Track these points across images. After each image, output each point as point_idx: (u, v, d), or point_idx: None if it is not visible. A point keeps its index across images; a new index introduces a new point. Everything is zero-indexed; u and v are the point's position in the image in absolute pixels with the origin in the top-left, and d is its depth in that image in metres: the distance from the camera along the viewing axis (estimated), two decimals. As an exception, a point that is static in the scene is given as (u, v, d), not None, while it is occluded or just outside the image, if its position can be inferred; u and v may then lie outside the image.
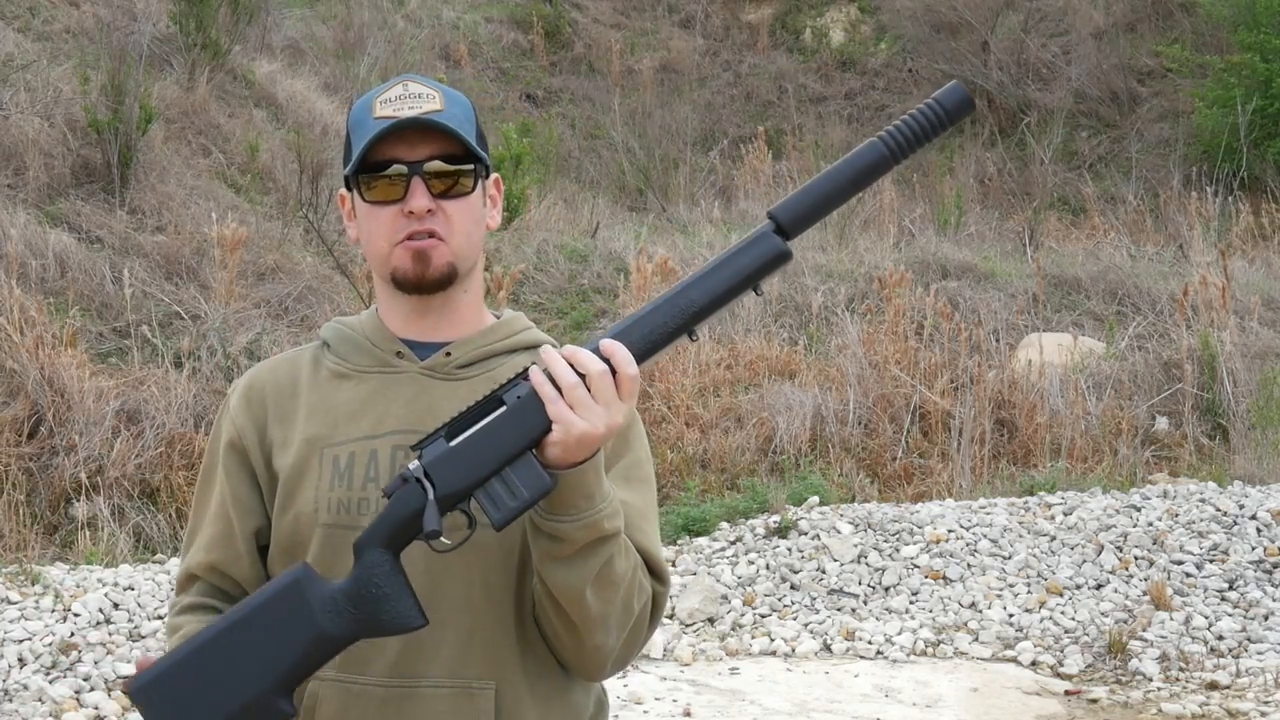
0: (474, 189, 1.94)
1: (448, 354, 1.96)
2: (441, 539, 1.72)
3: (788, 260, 1.76)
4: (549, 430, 1.71)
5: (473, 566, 1.87)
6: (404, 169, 1.89)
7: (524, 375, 1.75)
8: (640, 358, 1.74)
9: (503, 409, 1.74)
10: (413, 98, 1.91)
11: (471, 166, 1.93)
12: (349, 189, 1.96)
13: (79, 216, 10.25)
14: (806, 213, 1.76)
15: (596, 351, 1.73)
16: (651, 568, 1.90)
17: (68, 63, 11.76)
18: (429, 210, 1.89)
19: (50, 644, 5.84)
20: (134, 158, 10.69)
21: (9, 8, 12.53)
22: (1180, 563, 7.02)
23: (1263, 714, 5.81)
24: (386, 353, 1.97)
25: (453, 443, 1.75)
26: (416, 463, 1.75)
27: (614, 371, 1.72)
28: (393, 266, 1.93)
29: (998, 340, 10.06)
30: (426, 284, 1.93)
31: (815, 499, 7.74)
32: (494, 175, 2.03)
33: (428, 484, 1.73)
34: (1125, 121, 16.31)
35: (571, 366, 1.71)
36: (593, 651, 1.85)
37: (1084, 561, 7.07)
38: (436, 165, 1.90)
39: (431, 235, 1.90)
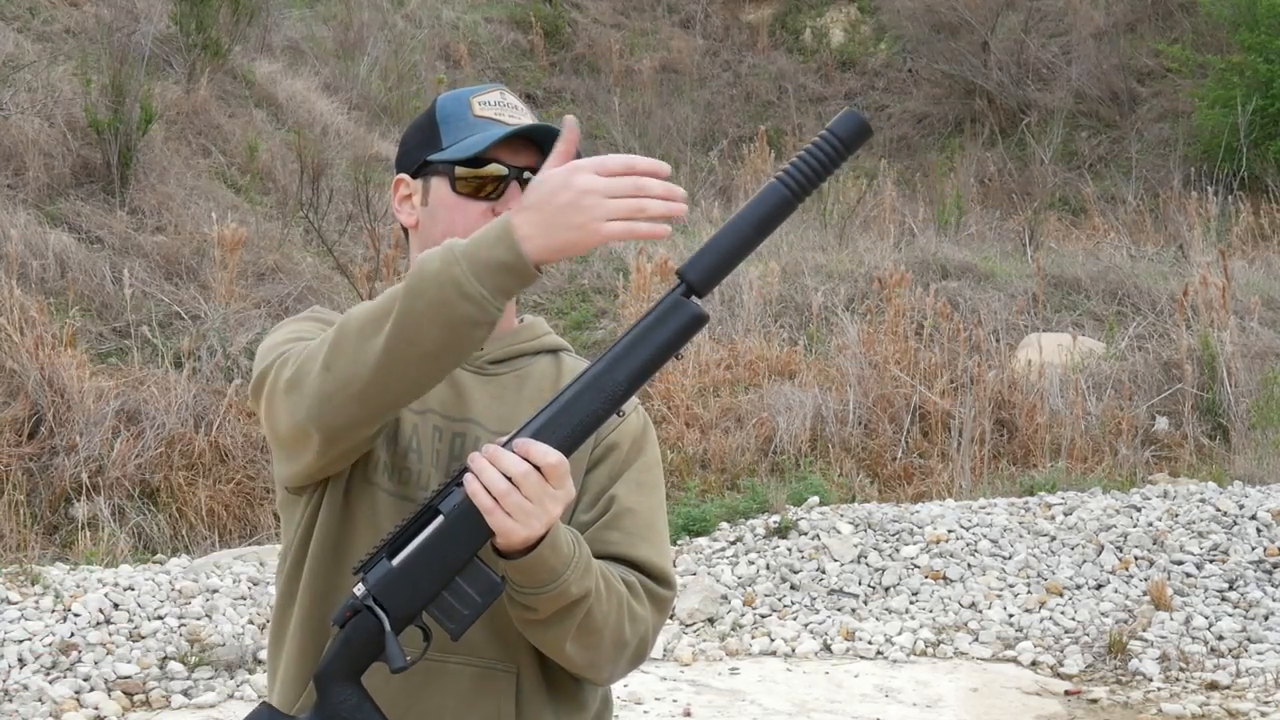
0: None
1: (481, 349, 1.93)
2: (409, 663, 1.72)
3: (705, 324, 1.74)
4: (491, 536, 1.70)
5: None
6: (504, 171, 1.94)
7: (456, 482, 1.72)
8: (568, 449, 1.71)
9: (440, 521, 1.71)
10: (512, 108, 1.99)
11: None
12: (419, 176, 1.99)
13: (79, 216, 10.25)
14: (716, 269, 1.72)
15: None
16: (655, 577, 1.92)
17: (68, 63, 11.76)
18: None
19: (50, 644, 5.84)
20: (134, 158, 10.70)
21: (9, 8, 12.53)
22: (1180, 563, 7.02)
23: (1263, 714, 5.81)
24: None
25: (395, 561, 1.72)
26: (362, 588, 1.72)
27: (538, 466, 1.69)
28: None
29: (998, 340, 10.06)
30: None
31: (815, 499, 7.74)
32: None
33: (380, 611, 1.71)
34: (1125, 121, 16.31)
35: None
36: (593, 676, 1.91)
37: (1084, 561, 7.07)
38: (531, 176, 1.90)
39: None
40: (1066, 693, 6.08)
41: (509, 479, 1.68)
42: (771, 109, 17.45)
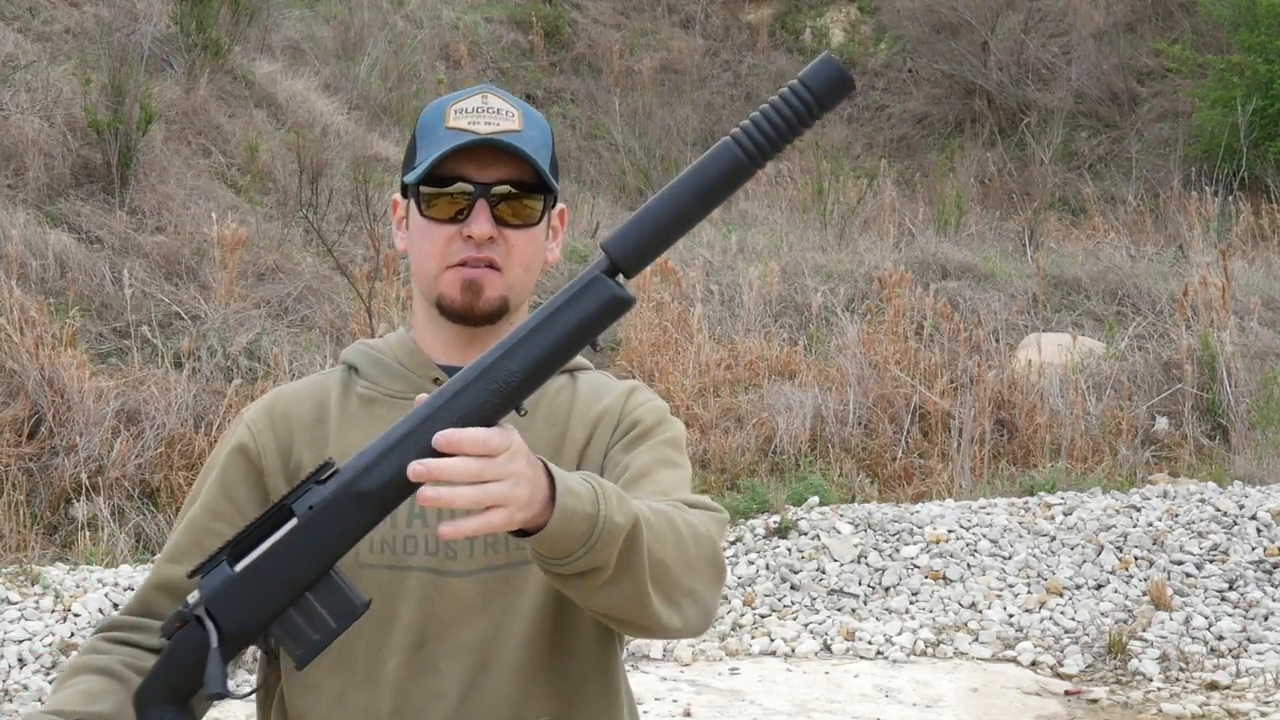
0: (540, 219, 1.80)
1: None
2: (231, 692, 1.47)
3: (628, 308, 1.45)
4: (350, 546, 1.46)
5: (498, 608, 1.75)
6: (469, 189, 1.76)
7: (315, 478, 1.46)
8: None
9: (293, 523, 1.45)
10: (491, 113, 1.77)
11: (541, 196, 1.79)
12: (404, 196, 1.85)
13: (79, 217, 10.25)
14: (647, 244, 1.44)
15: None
16: (703, 508, 1.71)
17: (68, 63, 11.76)
18: (489, 237, 1.76)
19: (50, 644, 5.84)
20: (134, 158, 10.69)
21: (9, 8, 12.53)
22: (1180, 563, 7.02)
23: (1263, 714, 5.81)
24: (422, 378, 1.83)
25: (237, 567, 1.46)
26: (196, 594, 1.48)
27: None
28: (440, 292, 1.80)
29: (998, 340, 10.06)
30: (474, 317, 1.79)
31: (815, 499, 7.75)
32: (560, 206, 1.89)
33: (210, 625, 1.46)
34: (1125, 121, 16.31)
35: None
36: (697, 615, 1.66)
37: (1084, 562, 7.07)
38: (504, 190, 1.76)
39: (488, 265, 1.77)
40: (1066, 693, 6.08)
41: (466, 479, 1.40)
42: (771, 109, 17.43)
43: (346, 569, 1.63)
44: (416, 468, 1.36)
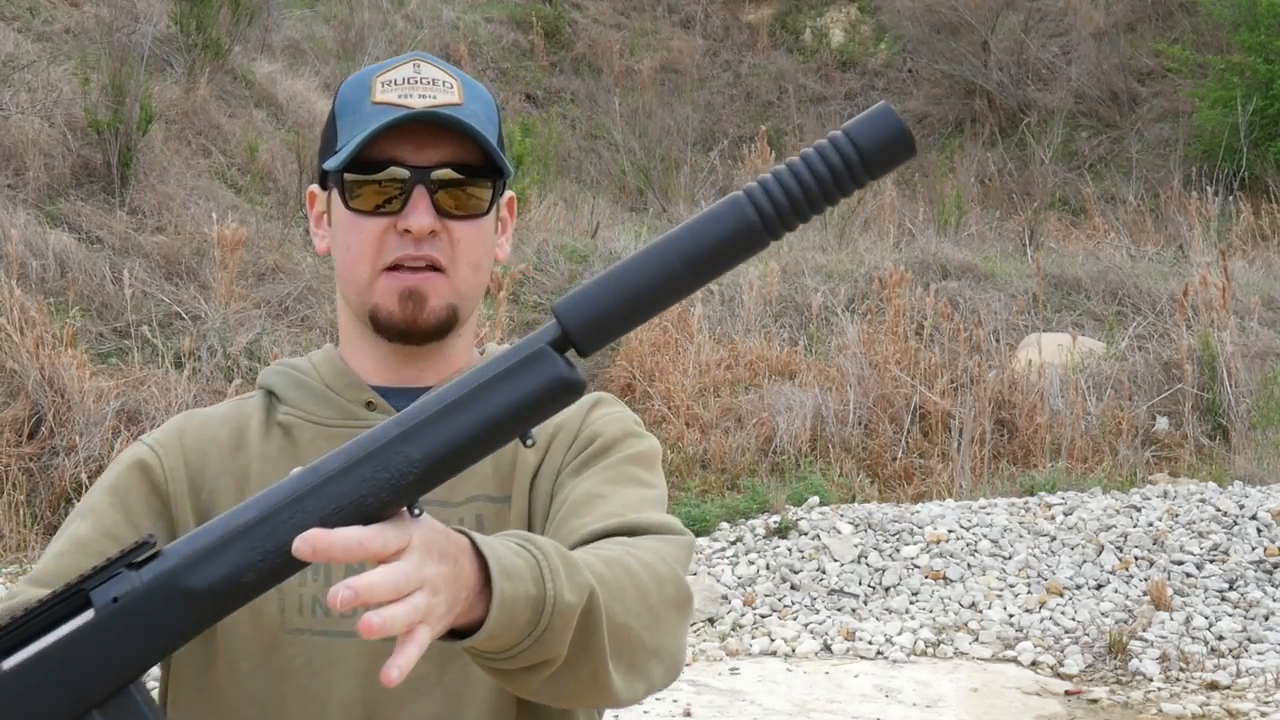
0: (489, 209, 1.50)
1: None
2: None
3: (576, 395, 1.10)
4: (160, 658, 1.10)
5: (455, 675, 1.44)
6: (404, 174, 1.46)
7: (129, 558, 1.08)
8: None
9: (88, 616, 1.07)
10: (425, 83, 1.48)
11: (490, 181, 1.49)
12: (324, 187, 1.54)
13: (79, 216, 10.26)
14: (616, 315, 1.09)
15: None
16: (646, 528, 1.40)
17: (68, 63, 11.76)
18: (431, 231, 1.46)
19: (50, 644, 5.84)
20: (134, 158, 10.70)
21: (9, 8, 12.53)
22: (1180, 563, 7.02)
23: (1263, 714, 5.81)
24: (353, 402, 1.53)
25: (6, 664, 1.08)
26: None
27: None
28: (374, 304, 1.50)
29: (998, 340, 10.06)
30: (418, 333, 1.50)
31: (815, 499, 7.75)
32: (508, 194, 1.59)
33: None
34: (1125, 121, 16.32)
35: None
36: (661, 673, 1.36)
37: (1084, 562, 7.07)
38: (447, 174, 1.47)
39: (431, 266, 1.48)
40: (1066, 693, 6.08)
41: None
42: (772, 109, 17.45)
43: (268, 633, 1.42)
44: (301, 546, 1.01)
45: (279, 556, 1.06)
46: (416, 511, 1.07)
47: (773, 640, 6.61)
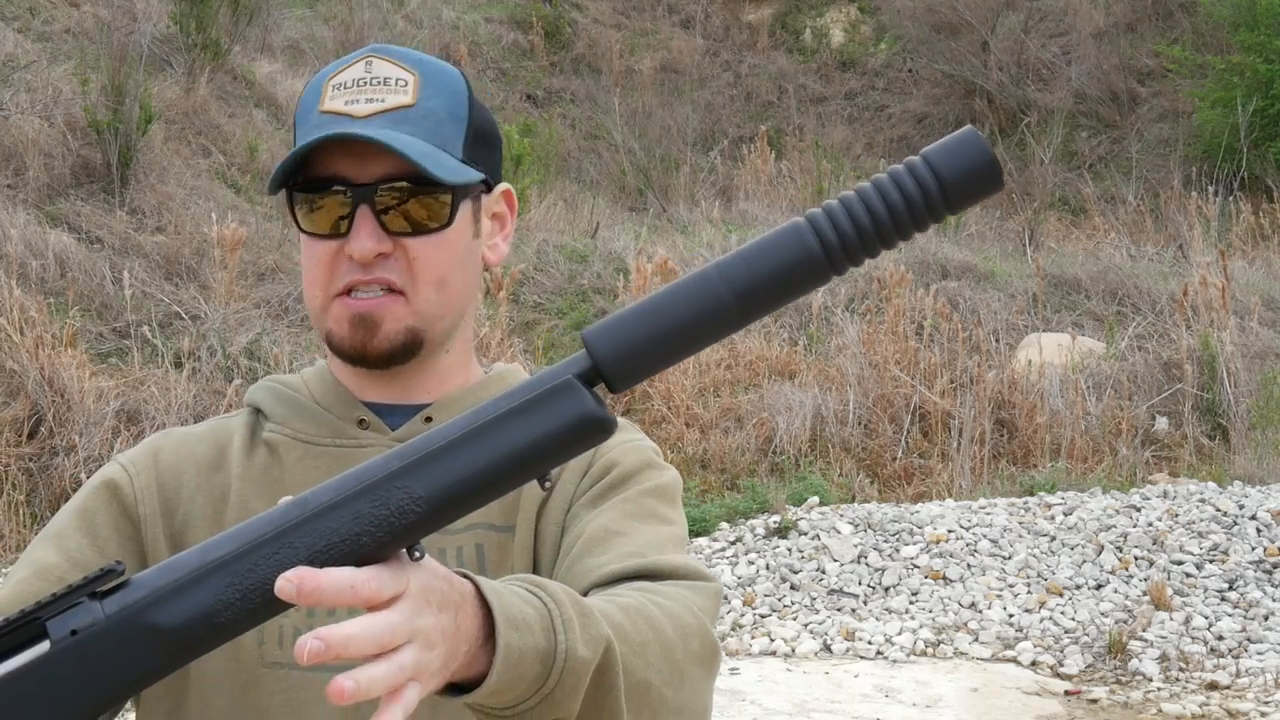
0: (451, 219, 1.36)
1: (428, 419, 1.41)
2: None
3: (605, 434, 0.98)
4: (121, 699, 0.97)
5: (450, 714, 1.20)
6: (346, 194, 1.33)
7: (91, 586, 0.96)
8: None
9: (43, 648, 0.95)
10: (375, 85, 1.35)
11: (449, 188, 1.35)
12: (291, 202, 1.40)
13: (79, 216, 10.26)
14: (653, 350, 0.98)
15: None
16: (670, 573, 1.29)
17: (68, 63, 11.76)
18: (380, 254, 1.34)
19: (50, 644, 5.84)
20: (134, 158, 10.70)
21: (9, 8, 12.53)
22: (1180, 563, 7.02)
23: (1263, 714, 5.81)
24: (344, 420, 1.43)
25: None
26: None
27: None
28: (327, 330, 1.39)
29: (998, 340, 10.07)
30: (370, 359, 1.38)
31: (815, 499, 7.75)
32: (502, 187, 1.46)
33: None
34: (1125, 121, 16.32)
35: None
36: None
37: (1084, 562, 7.07)
38: (395, 189, 1.33)
39: (387, 288, 1.36)
40: (1066, 693, 6.08)
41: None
42: (772, 109, 17.45)
43: (245, 668, 1.33)
44: (285, 587, 0.90)
45: (259, 596, 0.94)
46: (417, 554, 0.96)
47: (773, 640, 6.61)
